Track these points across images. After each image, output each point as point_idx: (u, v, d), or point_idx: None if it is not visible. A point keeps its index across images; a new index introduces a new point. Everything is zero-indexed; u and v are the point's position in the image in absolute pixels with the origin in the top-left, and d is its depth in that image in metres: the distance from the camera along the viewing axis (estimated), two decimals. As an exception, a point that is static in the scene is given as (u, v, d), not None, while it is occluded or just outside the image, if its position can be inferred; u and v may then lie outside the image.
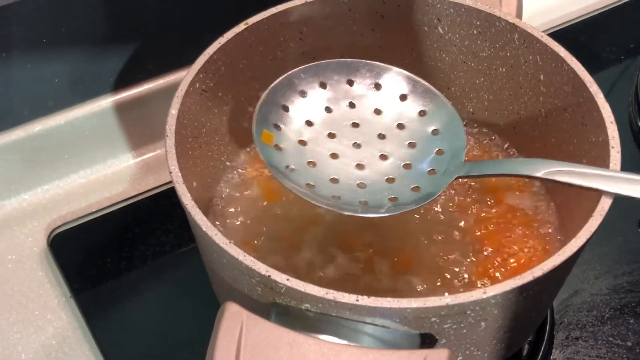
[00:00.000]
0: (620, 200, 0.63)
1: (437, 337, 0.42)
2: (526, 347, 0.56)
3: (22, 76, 0.63)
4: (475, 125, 0.60)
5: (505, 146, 0.60)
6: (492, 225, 0.54)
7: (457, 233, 0.54)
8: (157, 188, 0.67)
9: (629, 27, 0.82)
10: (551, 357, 0.56)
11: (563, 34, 0.80)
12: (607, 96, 0.75)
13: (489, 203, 0.56)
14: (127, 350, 0.58)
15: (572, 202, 0.51)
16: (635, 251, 0.62)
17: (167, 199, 0.66)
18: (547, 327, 0.57)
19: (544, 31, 0.75)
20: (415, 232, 0.54)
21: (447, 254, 0.53)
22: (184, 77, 0.50)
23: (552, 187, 0.55)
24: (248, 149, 0.59)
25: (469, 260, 0.52)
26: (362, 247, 0.53)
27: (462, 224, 0.55)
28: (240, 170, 0.58)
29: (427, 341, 0.42)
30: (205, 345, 0.40)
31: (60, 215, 0.66)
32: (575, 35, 0.81)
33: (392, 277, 0.52)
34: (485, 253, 0.53)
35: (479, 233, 0.54)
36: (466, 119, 0.60)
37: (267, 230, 0.55)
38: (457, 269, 0.52)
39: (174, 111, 0.48)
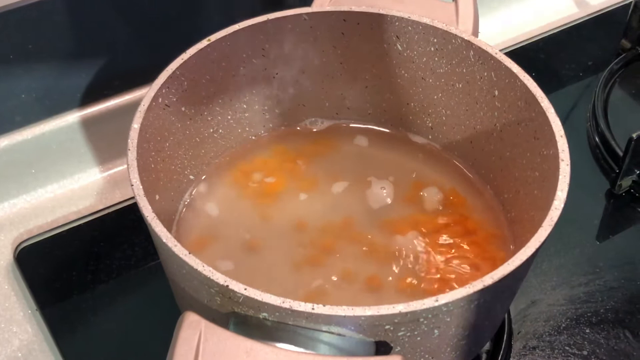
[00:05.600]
0: (577, 214, 0.65)
1: (392, 345, 0.43)
2: (484, 356, 0.57)
3: (-11, 92, 0.63)
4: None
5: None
6: (446, 238, 0.55)
7: (410, 245, 0.55)
8: (124, 202, 0.68)
9: (586, 45, 0.83)
10: (509, 365, 0.57)
11: (523, 52, 0.81)
12: (570, 112, 0.77)
13: (445, 216, 0.57)
14: (92, 363, 0.58)
15: (525, 215, 0.52)
16: (591, 263, 0.63)
17: (133, 213, 0.66)
18: (505, 336, 0.57)
19: (504, 49, 0.77)
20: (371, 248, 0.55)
21: (404, 266, 0.54)
22: (147, 92, 0.51)
23: (507, 200, 0.56)
24: (211, 163, 0.60)
25: (423, 273, 0.53)
26: (326, 262, 0.54)
27: (417, 235, 0.55)
28: (203, 184, 0.59)
29: (382, 349, 0.42)
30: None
31: (27, 229, 0.66)
32: (535, 53, 0.82)
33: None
34: (441, 265, 0.53)
35: (433, 246, 0.55)
36: (425, 133, 0.61)
37: (229, 242, 0.55)
38: (410, 281, 0.53)
39: (136, 125, 0.49)
